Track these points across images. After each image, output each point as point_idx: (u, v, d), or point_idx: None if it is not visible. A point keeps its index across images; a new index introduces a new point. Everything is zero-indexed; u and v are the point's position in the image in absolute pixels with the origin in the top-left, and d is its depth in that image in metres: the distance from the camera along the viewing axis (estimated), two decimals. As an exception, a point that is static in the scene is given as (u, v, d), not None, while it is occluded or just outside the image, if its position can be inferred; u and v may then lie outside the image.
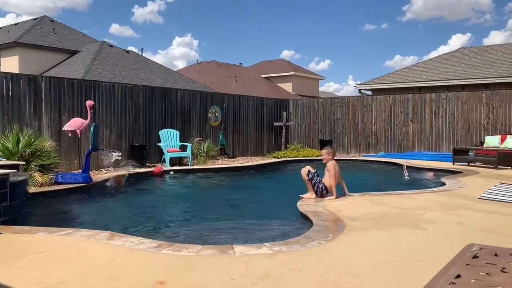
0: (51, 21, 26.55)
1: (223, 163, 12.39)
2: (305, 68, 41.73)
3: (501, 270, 1.27)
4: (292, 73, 36.32)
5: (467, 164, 11.13)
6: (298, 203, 5.85)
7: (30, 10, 51.03)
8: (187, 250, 3.63)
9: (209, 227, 5.43)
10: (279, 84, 36.11)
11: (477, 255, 1.46)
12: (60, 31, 25.35)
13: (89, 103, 8.69)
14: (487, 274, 1.28)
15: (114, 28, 66.74)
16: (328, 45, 71.61)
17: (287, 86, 36.00)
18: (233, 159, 13.69)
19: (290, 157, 13.89)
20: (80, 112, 9.86)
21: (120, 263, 3.38)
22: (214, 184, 9.56)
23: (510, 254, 1.26)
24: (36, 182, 7.02)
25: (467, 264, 1.38)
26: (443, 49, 69.95)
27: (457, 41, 61.31)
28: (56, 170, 8.05)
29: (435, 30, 66.65)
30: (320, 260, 3.43)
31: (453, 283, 1.23)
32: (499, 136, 11.84)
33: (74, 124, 8.76)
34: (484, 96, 13.27)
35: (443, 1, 59.55)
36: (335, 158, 6.54)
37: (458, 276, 1.27)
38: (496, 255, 1.45)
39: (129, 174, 8.81)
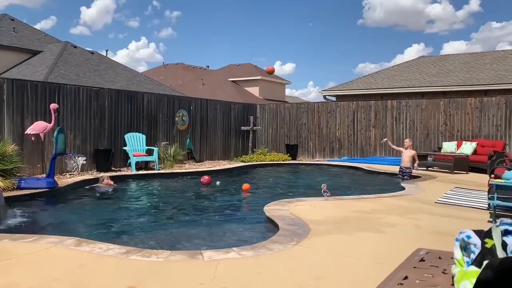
0: (11, 19, 25.66)
1: (190, 167, 12.40)
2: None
3: (442, 272, 1.45)
4: (259, 77, 36.59)
5: (426, 168, 11.64)
6: (265, 207, 6.00)
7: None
8: (156, 255, 3.70)
9: (177, 232, 5.48)
10: (246, 88, 36.30)
11: (423, 258, 1.64)
12: (21, 30, 24.53)
13: (53, 106, 8.54)
14: (431, 275, 1.45)
15: (75, 28, 64.96)
16: (291, 51, 72.92)
17: (254, 90, 36.26)
18: (200, 163, 13.71)
19: (257, 161, 14.07)
20: (44, 115, 9.65)
21: (89, 269, 3.41)
22: (181, 189, 9.58)
23: (451, 257, 1.43)
24: (-2, 187, 6.84)
25: (414, 267, 1.55)
26: (404, 57, 72.40)
27: (417, 49, 63.62)
28: (18, 174, 7.87)
29: (396, 38, 68.99)
30: (286, 263, 3.58)
31: (401, 284, 1.39)
32: (456, 142, 12.47)
33: (37, 127, 8.58)
34: (442, 103, 13.90)
35: (404, 11, 61.71)
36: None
37: (406, 277, 1.44)
38: (440, 258, 1.63)
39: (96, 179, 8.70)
